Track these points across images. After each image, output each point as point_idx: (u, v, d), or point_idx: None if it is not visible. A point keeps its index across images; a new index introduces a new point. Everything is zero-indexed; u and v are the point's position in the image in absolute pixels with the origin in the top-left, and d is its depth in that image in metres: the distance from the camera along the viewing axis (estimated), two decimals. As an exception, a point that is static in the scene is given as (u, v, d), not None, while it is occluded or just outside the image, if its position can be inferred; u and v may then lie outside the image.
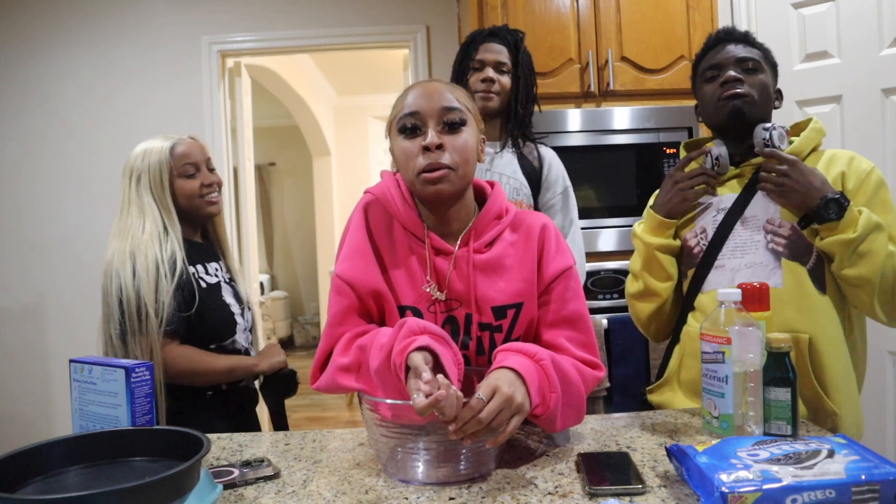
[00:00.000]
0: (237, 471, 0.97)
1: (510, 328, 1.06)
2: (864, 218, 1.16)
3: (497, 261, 1.07)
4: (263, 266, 7.52)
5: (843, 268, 1.19)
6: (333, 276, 1.07)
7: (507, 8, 2.29)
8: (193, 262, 1.49)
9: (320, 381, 1.04)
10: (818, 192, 1.19)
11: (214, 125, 3.11)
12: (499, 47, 1.71)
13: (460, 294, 1.05)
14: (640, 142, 2.27)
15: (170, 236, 1.46)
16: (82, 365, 1.09)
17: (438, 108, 1.01)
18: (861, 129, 2.08)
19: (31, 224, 3.10)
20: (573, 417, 1.01)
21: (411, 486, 0.90)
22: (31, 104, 3.09)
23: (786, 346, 0.99)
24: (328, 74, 5.79)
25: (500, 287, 1.06)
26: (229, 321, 1.51)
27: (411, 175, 1.03)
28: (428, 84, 1.05)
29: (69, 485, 0.82)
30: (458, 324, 1.06)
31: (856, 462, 0.76)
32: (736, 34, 1.35)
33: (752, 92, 1.29)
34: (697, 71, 1.39)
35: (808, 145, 1.30)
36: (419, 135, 1.02)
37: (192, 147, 1.53)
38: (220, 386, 1.50)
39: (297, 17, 3.13)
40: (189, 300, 1.43)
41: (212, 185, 1.53)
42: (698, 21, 2.32)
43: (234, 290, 1.58)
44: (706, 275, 1.31)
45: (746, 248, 1.28)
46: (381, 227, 1.09)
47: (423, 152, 1.00)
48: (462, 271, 1.05)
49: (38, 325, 3.10)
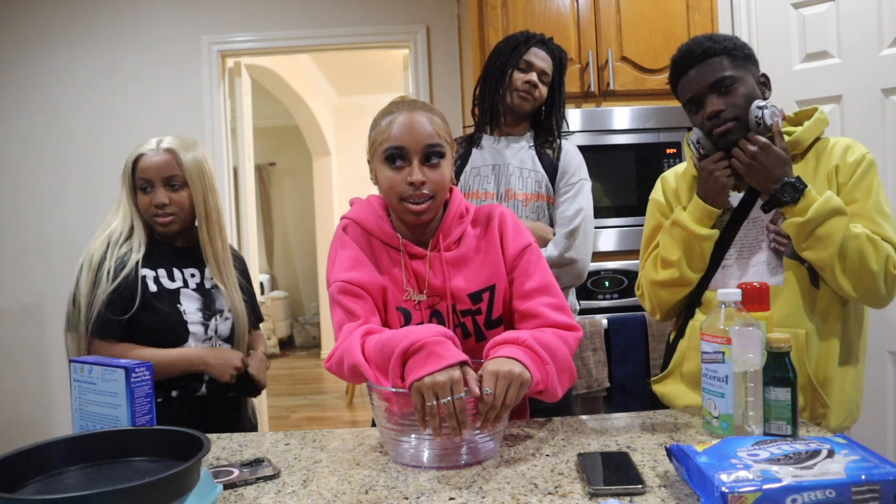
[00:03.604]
0: (237, 471, 0.97)
1: (489, 309, 1.19)
2: (821, 202, 1.17)
3: (465, 255, 1.20)
4: (263, 266, 7.52)
5: (801, 250, 1.22)
6: (342, 285, 1.15)
7: (508, 8, 2.29)
8: (155, 266, 1.48)
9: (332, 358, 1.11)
10: (778, 177, 1.21)
11: (214, 125, 3.11)
12: (547, 56, 1.72)
13: (439, 289, 1.18)
14: (640, 142, 2.27)
15: (133, 236, 1.49)
16: (82, 365, 1.09)
17: (422, 145, 1.13)
18: (861, 129, 2.08)
19: (32, 224, 3.10)
20: (568, 380, 1.11)
21: (411, 486, 0.90)
22: (31, 104, 3.09)
23: (786, 346, 1.00)
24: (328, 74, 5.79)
25: (471, 276, 1.19)
26: (178, 328, 1.46)
27: (395, 200, 1.16)
28: (411, 116, 1.15)
29: (69, 485, 0.82)
30: (442, 316, 1.18)
31: (856, 462, 0.76)
32: (694, 55, 1.29)
33: (737, 113, 1.27)
34: (677, 97, 1.38)
35: (811, 136, 1.30)
36: (403, 166, 1.14)
37: (151, 163, 1.48)
38: (170, 393, 1.45)
39: (297, 17, 3.13)
40: (127, 302, 1.42)
41: (162, 205, 1.47)
42: (698, 21, 2.32)
43: (208, 298, 1.53)
44: (713, 273, 1.34)
45: (752, 248, 1.31)
46: (363, 244, 1.21)
47: (407, 184, 1.13)
48: (437, 269, 1.19)
49: (38, 325, 3.10)
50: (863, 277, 1.18)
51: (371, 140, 1.20)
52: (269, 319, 6.67)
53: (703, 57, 1.28)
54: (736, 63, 1.28)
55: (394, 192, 1.15)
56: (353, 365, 1.04)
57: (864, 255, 1.17)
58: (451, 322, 1.18)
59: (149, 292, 1.45)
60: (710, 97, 1.28)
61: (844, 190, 1.24)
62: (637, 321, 2.18)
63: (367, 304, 1.15)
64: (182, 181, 1.49)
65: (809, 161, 1.29)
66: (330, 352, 1.13)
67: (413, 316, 1.17)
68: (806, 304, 1.24)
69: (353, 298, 1.14)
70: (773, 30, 2.27)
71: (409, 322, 1.17)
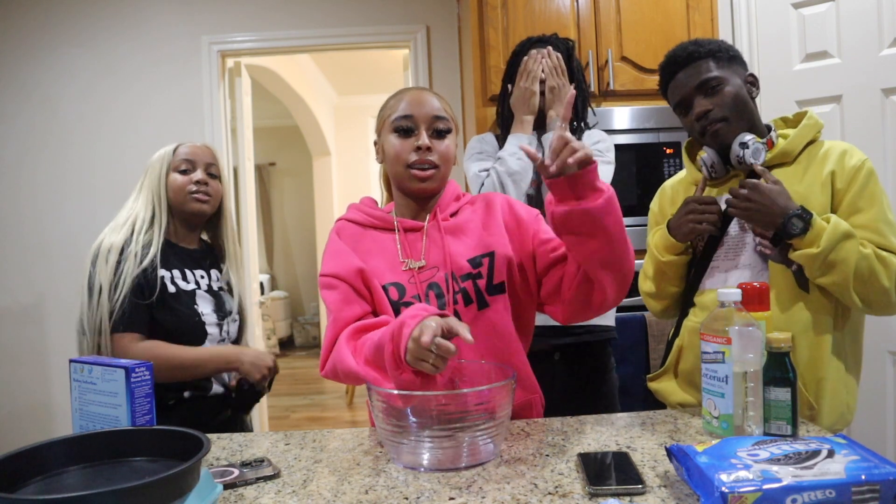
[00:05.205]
0: (237, 471, 0.97)
1: (489, 274, 1.18)
2: (830, 229, 1.16)
3: (462, 224, 1.23)
4: (263, 266, 7.52)
5: (815, 277, 1.21)
6: (320, 279, 1.18)
7: (508, 8, 2.29)
8: (170, 267, 1.49)
9: (326, 368, 1.12)
10: (781, 211, 1.19)
11: (214, 125, 3.11)
12: (552, 51, 1.71)
13: (436, 259, 1.19)
14: (640, 142, 2.27)
15: (153, 228, 1.49)
16: (82, 365, 1.09)
17: (430, 115, 1.19)
18: (861, 129, 2.08)
19: (31, 224, 3.10)
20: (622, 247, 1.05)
21: (411, 486, 0.90)
22: (31, 104, 3.09)
23: (786, 346, 1.00)
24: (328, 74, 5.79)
25: (469, 243, 1.21)
26: (197, 329, 1.48)
27: (401, 167, 1.19)
28: (420, 92, 1.22)
29: (69, 485, 0.82)
30: (440, 287, 1.18)
31: (856, 462, 0.76)
32: (679, 59, 1.33)
33: (725, 113, 1.29)
34: (668, 101, 1.40)
35: (801, 142, 1.30)
36: (412, 136, 1.19)
37: (196, 149, 1.57)
38: (183, 394, 1.46)
39: (297, 17, 3.13)
40: (152, 289, 1.43)
41: (203, 183, 1.54)
42: (698, 21, 2.32)
43: (218, 300, 1.56)
44: (703, 275, 1.35)
45: (738, 250, 1.31)
46: (355, 239, 1.23)
47: (415, 150, 1.18)
48: (434, 238, 1.21)
49: (38, 325, 3.10)
50: (875, 294, 1.19)
51: (380, 119, 1.24)
52: (269, 319, 6.67)
53: (688, 61, 1.32)
54: (721, 64, 1.30)
55: (400, 160, 1.18)
56: (347, 372, 1.06)
57: (876, 273, 1.17)
58: (451, 289, 1.16)
59: (167, 292, 1.46)
60: (698, 98, 1.31)
61: (846, 198, 1.23)
62: (637, 321, 2.18)
63: (342, 292, 1.15)
64: (218, 172, 1.59)
65: (800, 163, 1.29)
66: (321, 357, 1.13)
67: (408, 290, 1.17)
68: (793, 308, 1.24)
69: (328, 291, 1.17)
70: (773, 30, 2.28)
71: (404, 296, 1.17)
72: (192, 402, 1.47)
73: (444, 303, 1.16)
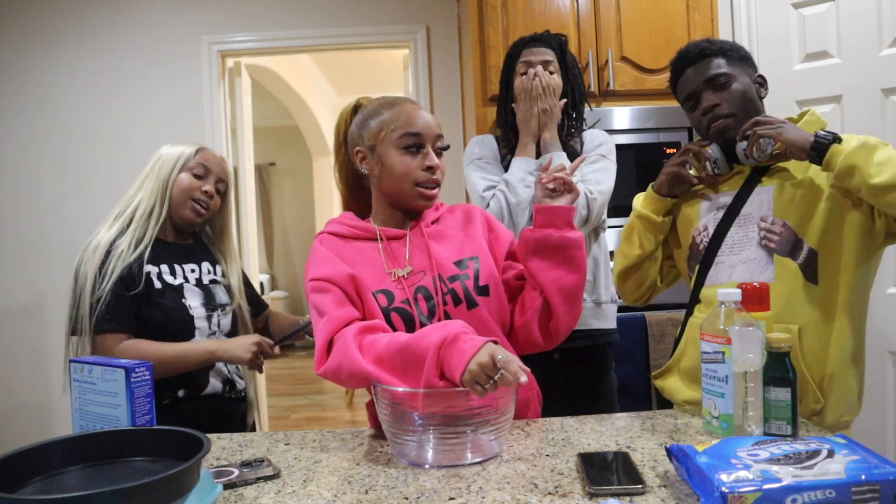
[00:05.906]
0: (237, 471, 0.97)
1: (476, 276, 1.21)
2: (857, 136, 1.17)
3: (443, 230, 1.27)
4: (263, 266, 7.52)
5: (871, 177, 1.11)
6: (309, 284, 1.18)
7: (507, 8, 2.29)
8: (158, 263, 1.49)
9: (326, 366, 1.09)
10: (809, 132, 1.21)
11: (214, 125, 3.11)
12: (543, 49, 1.69)
13: (421, 263, 1.21)
14: (640, 142, 2.27)
15: (151, 220, 1.50)
16: (82, 365, 1.09)
17: (434, 133, 1.22)
18: (861, 129, 2.07)
19: (31, 224, 3.10)
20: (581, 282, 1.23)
21: (411, 486, 0.90)
22: (31, 104, 3.09)
23: (786, 346, 0.99)
24: (328, 74, 5.79)
25: (452, 247, 1.24)
26: (184, 323, 1.47)
27: (409, 185, 1.20)
28: (418, 107, 1.24)
29: (69, 485, 0.82)
30: (427, 289, 1.18)
31: (856, 462, 0.76)
32: (691, 55, 1.35)
33: (732, 109, 1.31)
34: (677, 98, 1.42)
35: None
36: (419, 153, 1.20)
37: (215, 159, 1.59)
38: (177, 394, 1.46)
39: (297, 17, 3.13)
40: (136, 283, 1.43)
41: (209, 195, 1.55)
42: (698, 21, 2.32)
43: (208, 293, 1.55)
44: (708, 270, 1.36)
45: (742, 245, 1.31)
46: (338, 250, 1.23)
47: (425, 169, 1.20)
48: (417, 244, 1.23)
49: (38, 325, 3.10)
50: None
51: (376, 128, 1.22)
52: (269, 319, 6.65)
53: (699, 57, 1.34)
54: (732, 62, 1.33)
55: (409, 178, 1.20)
56: (356, 372, 1.04)
57: None
58: (440, 291, 1.17)
59: (154, 288, 1.46)
60: (706, 93, 1.33)
61: None
62: (637, 321, 2.18)
63: (335, 296, 1.15)
64: (225, 189, 1.61)
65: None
66: (316, 356, 1.11)
67: (396, 295, 1.17)
68: (799, 300, 1.24)
69: (319, 294, 1.16)
70: (773, 30, 2.28)
71: (393, 302, 1.16)
72: (187, 402, 1.47)
73: (433, 305, 1.16)
